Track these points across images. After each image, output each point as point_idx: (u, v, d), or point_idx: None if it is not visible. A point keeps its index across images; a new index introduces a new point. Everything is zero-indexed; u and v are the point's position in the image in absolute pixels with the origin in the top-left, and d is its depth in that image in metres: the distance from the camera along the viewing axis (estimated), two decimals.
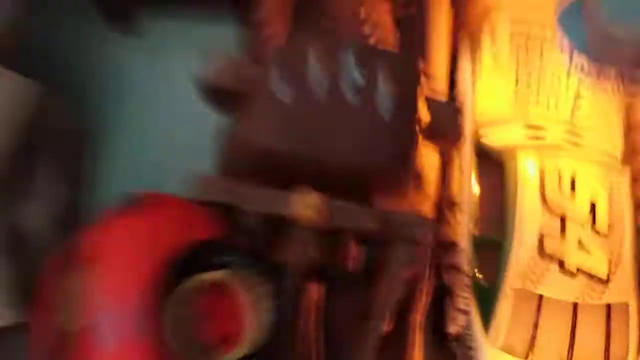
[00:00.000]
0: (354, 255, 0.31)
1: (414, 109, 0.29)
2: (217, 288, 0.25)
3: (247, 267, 0.25)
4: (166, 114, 0.43)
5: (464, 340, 0.35)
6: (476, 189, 0.36)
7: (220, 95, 0.30)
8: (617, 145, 0.38)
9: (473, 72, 0.39)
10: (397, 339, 0.32)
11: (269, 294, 0.25)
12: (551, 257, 0.33)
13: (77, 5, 0.42)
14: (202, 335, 0.23)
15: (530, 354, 0.33)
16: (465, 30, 0.39)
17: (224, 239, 0.25)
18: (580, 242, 0.34)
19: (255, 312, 0.25)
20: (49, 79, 0.38)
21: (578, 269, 0.33)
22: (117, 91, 0.43)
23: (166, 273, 0.23)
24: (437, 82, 0.37)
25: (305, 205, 0.27)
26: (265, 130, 0.28)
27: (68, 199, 0.38)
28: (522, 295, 0.33)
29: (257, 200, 0.27)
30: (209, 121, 0.42)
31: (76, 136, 0.38)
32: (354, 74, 0.28)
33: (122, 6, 0.41)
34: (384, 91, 0.28)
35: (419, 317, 0.33)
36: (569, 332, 0.33)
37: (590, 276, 0.33)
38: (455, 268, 0.36)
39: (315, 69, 0.28)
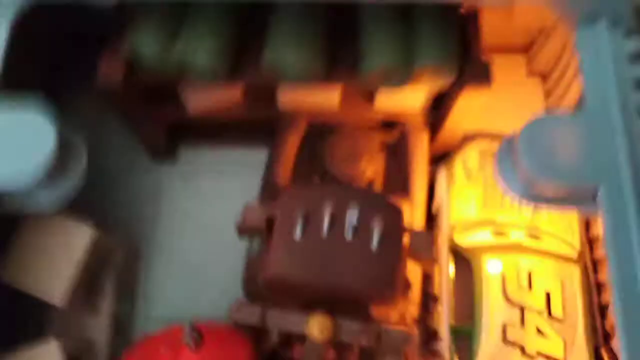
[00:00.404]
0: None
1: (398, 241, 0.37)
2: None
3: None
4: (200, 232, 0.51)
5: None
6: (452, 284, 0.43)
7: (251, 232, 0.39)
8: (574, 236, 0.45)
9: (448, 184, 0.47)
10: None
11: None
12: (513, 344, 0.40)
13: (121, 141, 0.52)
14: None
15: None
16: (439, 151, 0.48)
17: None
18: (538, 329, 0.40)
19: None
20: (101, 208, 0.47)
21: (538, 353, 0.40)
22: (157, 213, 0.52)
23: None
24: (418, 193, 0.45)
25: (320, 328, 0.35)
26: (280, 261, 0.36)
27: (124, 313, 0.47)
28: None
29: (280, 321, 0.36)
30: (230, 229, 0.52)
31: (127, 259, 0.47)
32: (352, 214, 0.36)
33: (167, 142, 0.50)
34: (374, 229, 0.36)
35: None
36: None
37: (548, 358, 0.40)
38: (438, 355, 0.43)
39: (322, 213, 0.36)
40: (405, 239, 0.38)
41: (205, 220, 0.52)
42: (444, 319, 0.43)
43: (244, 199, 0.48)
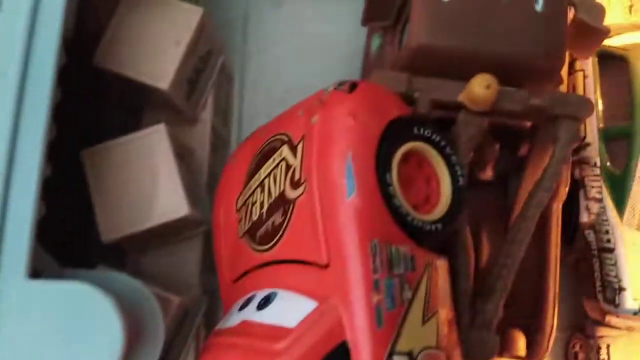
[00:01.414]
0: (497, 155, 0.34)
1: (564, 3, 0.31)
2: (418, 156, 0.27)
3: (440, 140, 0.28)
4: (291, 54, 0.46)
5: (599, 227, 0.36)
6: (600, 88, 0.38)
7: (383, 7, 0.33)
8: None
9: None
10: (541, 226, 0.34)
11: (458, 163, 0.28)
12: None
13: None
14: (408, 196, 0.26)
15: None
16: None
17: (416, 115, 0.28)
18: None
19: (450, 177, 0.27)
20: None
21: None
22: (246, 36, 0.47)
23: (384, 140, 0.26)
24: None
25: (487, 83, 0.29)
26: (428, 29, 0.30)
27: (221, 129, 0.42)
28: None
29: (431, 89, 0.30)
30: (328, 55, 0.47)
31: (223, 70, 0.41)
32: None
33: None
34: None
35: (559, 205, 0.34)
36: None
37: None
38: (586, 161, 0.37)
39: None
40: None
41: (301, 49, 0.46)
42: (591, 123, 0.37)
43: (344, 23, 0.43)
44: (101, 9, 0.36)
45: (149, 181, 0.33)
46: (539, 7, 0.31)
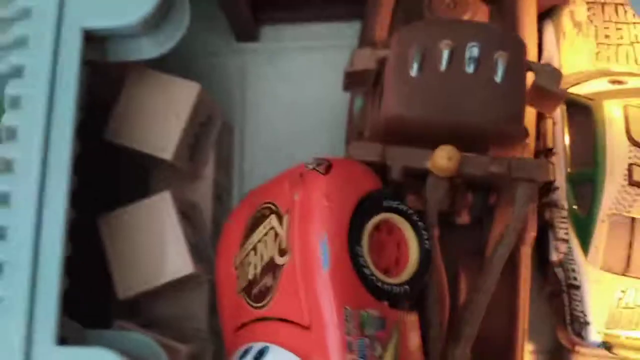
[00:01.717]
0: (470, 203, 0.37)
1: (523, 73, 0.34)
2: (388, 224, 0.31)
3: (406, 209, 0.31)
4: (288, 106, 0.50)
5: (566, 265, 0.39)
6: (568, 134, 0.41)
7: (359, 78, 0.36)
8: None
9: (557, 39, 0.43)
10: (511, 268, 0.37)
11: (425, 229, 0.31)
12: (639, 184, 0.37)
13: (209, 19, 0.49)
14: (380, 260, 0.30)
15: (627, 270, 0.37)
16: (544, 7, 0.44)
17: (384, 189, 0.31)
18: None
19: (417, 241, 0.31)
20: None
21: None
22: (244, 89, 0.50)
23: (355, 217, 0.29)
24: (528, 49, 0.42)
25: (448, 156, 0.32)
26: (398, 100, 0.33)
27: (223, 181, 0.46)
28: (616, 220, 0.37)
29: (402, 157, 0.33)
30: (320, 107, 0.50)
31: (224, 127, 0.45)
32: (473, 49, 0.33)
33: (250, 19, 0.48)
34: (498, 61, 0.33)
35: (527, 249, 0.38)
36: None
37: None
38: (554, 204, 0.40)
39: (440, 48, 0.34)
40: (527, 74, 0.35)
41: (294, 100, 0.50)
42: (559, 168, 0.40)
43: (333, 74, 0.47)
44: (107, 84, 0.40)
45: (158, 243, 0.37)
46: (498, 78, 0.34)
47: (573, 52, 0.43)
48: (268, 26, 0.51)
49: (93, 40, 0.34)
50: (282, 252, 0.31)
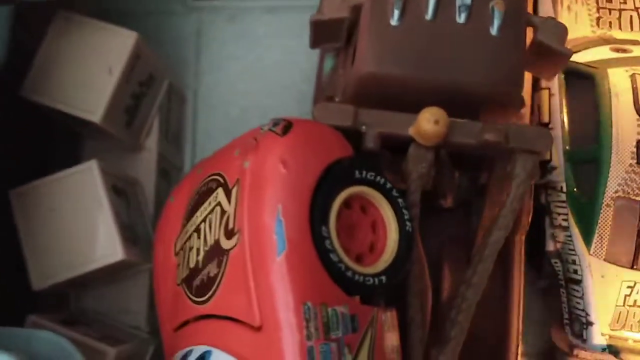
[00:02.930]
0: (456, 183, 0.31)
1: (522, 26, 0.28)
2: (361, 200, 0.25)
3: (385, 182, 0.25)
4: (248, 71, 0.44)
5: (565, 256, 0.34)
6: (567, 107, 0.35)
7: (330, 30, 0.30)
8: None
9: (554, 4, 0.38)
10: (502, 259, 0.31)
11: (406, 207, 0.25)
12: None
13: None
14: (350, 245, 0.23)
15: (635, 262, 0.32)
16: None
17: (358, 157, 0.25)
18: None
19: (397, 222, 0.25)
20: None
21: None
22: (200, 52, 0.44)
23: (320, 188, 0.23)
24: None
25: (435, 119, 0.26)
26: (376, 57, 0.27)
27: (171, 154, 0.39)
28: (623, 204, 0.32)
29: (378, 122, 0.27)
30: (287, 73, 0.44)
31: (172, 92, 0.38)
32: None
33: None
34: (494, 9, 0.27)
35: (521, 237, 0.32)
36: None
37: None
38: (551, 186, 0.35)
39: None
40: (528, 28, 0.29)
41: (254, 65, 0.44)
42: (558, 145, 0.35)
43: (301, 37, 0.41)
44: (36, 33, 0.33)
45: (82, 223, 0.30)
46: (494, 30, 0.28)
47: (571, 17, 0.37)
48: None
49: None
50: (229, 234, 0.24)
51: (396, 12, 0.28)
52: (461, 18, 0.28)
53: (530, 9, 0.37)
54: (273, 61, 0.43)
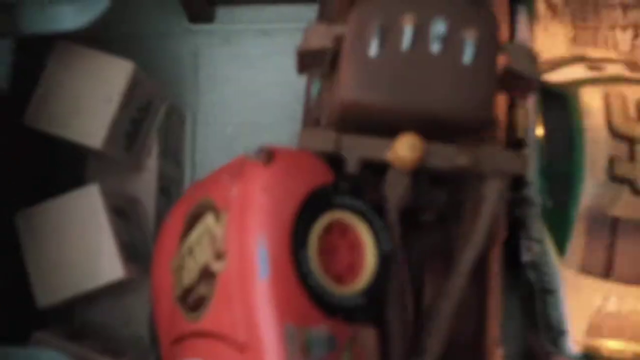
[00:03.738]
0: (436, 199, 0.32)
1: (494, 54, 0.28)
2: (340, 225, 0.25)
3: (361, 206, 0.26)
4: (243, 91, 0.44)
5: (540, 267, 0.35)
6: (542, 124, 0.36)
7: (314, 58, 0.31)
8: None
9: (530, 23, 0.38)
10: (481, 271, 0.32)
11: (383, 228, 0.26)
12: (622, 180, 0.32)
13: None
14: (330, 267, 0.24)
15: (608, 274, 0.32)
16: None
17: (336, 183, 0.26)
18: None
19: (374, 243, 0.25)
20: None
21: None
22: (197, 73, 0.45)
23: (300, 215, 0.24)
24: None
25: (410, 146, 0.27)
26: (354, 83, 0.28)
27: (170, 175, 0.40)
28: (595, 218, 0.32)
29: (358, 147, 0.28)
30: (280, 92, 0.45)
31: (171, 113, 0.39)
32: (439, 25, 0.28)
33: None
34: (467, 40, 0.28)
35: (497, 250, 0.32)
36: None
37: None
38: (526, 200, 0.35)
39: (403, 24, 0.28)
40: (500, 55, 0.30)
41: (249, 85, 0.44)
42: (531, 162, 0.35)
43: (293, 59, 0.41)
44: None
45: (84, 243, 0.31)
46: (467, 59, 0.28)
47: (547, 36, 0.38)
48: (223, 7, 0.45)
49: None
50: (218, 256, 0.25)
51: (374, 44, 0.28)
52: (435, 48, 0.29)
53: (507, 28, 0.38)
54: (267, 81, 0.44)
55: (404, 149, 0.27)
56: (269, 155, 0.24)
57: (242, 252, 0.23)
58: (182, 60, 0.45)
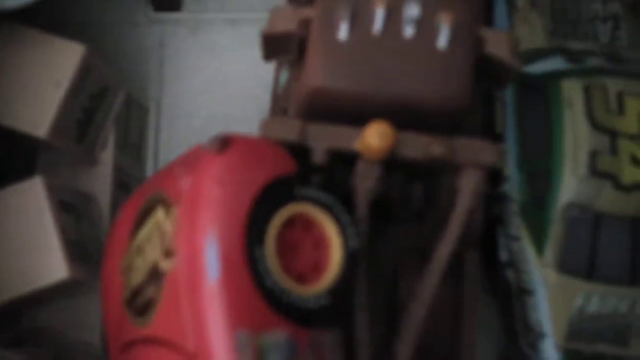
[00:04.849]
0: (409, 192, 0.30)
1: (470, 39, 0.26)
2: (303, 218, 0.22)
3: (326, 199, 0.23)
4: (211, 82, 0.42)
5: (518, 266, 0.32)
6: (520, 117, 0.33)
7: (281, 44, 0.28)
8: None
9: (509, 13, 0.36)
10: (455, 271, 0.30)
11: (351, 223, 0.23)
12: (604, 175, 0.30)
13: None
14: (292, 266, 0.21)
15: (590, 274, 0.30)
16: None
17: (300, 174, 0.23)
18: (633, 157, 0.30)
19: (340, 239, 0.23)
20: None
21: (634, 184, 0.30)
22: (163, 64, 0.42)
23: (256, 209, 0.21)
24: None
25: (380, 134, 0.24)
26: (322, 69, 0.25)
27: (131, 168, 0.37)
28: (576, 214, 0.30)
29: (325, 137, 0.25)
30: (249, 84, 0.42)
31: (130, 103, 0.36)
32: (412, 8, 0.26)
33: None
34: (441, 24, 0.25)
35: (473, 250, 0.30)
36: (629, 248, 0.30)
37: None
38: (504, 197, 0.33)
39: (374, 6, 0.26)
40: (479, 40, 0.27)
41: (217, 76, 0.42)
42: (511, 156, 0.33)
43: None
44: None
45: (26, 241, 0.27)
46: (442, 44, 0.26)
47: (526, 28, 0.36)
48: None
49: None
50: (167, 254, 0.22)
51: (344, 27, 0.26)
52: (408, 32, 0.26)
53: (485, 15, 0.36)
54: (235, 72, 0.41)
55: (373, 137, 0.24)
56: (223, 144, 0.21)
57: (190, 250, 0.20)
58: (147, 50, 0.42)
